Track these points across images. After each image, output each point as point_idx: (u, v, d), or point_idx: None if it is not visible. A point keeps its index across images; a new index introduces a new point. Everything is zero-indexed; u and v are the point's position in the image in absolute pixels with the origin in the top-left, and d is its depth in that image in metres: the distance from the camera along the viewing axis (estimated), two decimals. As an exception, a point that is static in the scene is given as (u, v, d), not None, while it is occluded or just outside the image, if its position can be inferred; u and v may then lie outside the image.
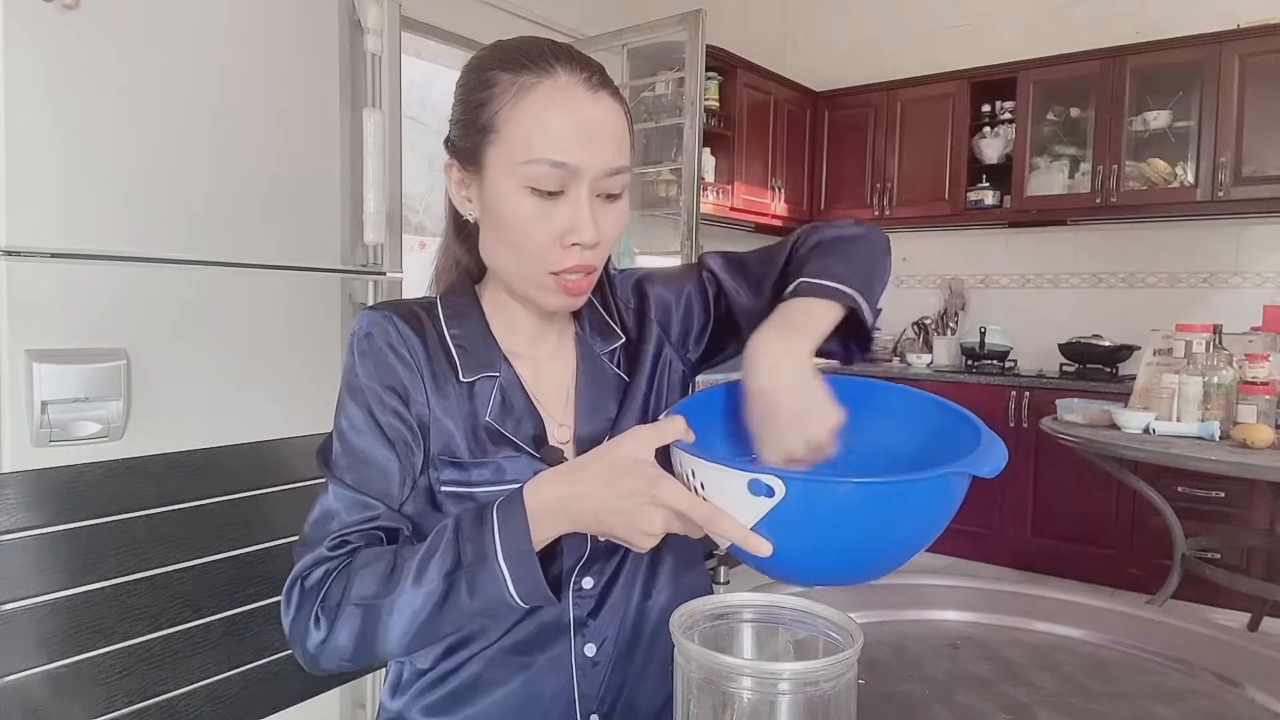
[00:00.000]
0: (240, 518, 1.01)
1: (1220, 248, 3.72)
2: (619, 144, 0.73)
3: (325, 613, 0.67)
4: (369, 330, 0.76)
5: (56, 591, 0.83)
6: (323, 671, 0.70)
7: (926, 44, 4.39)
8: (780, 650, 0.60)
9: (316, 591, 0.68)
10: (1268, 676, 0.78)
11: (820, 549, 0.59)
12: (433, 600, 0.64)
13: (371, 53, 1.71)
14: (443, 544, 0.65)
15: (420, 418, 0.75)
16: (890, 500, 0.57)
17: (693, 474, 0.60)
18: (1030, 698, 0.74)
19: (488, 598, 0.63)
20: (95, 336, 1.34)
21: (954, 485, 0.59)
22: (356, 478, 0.73)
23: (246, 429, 1.47)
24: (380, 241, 1.71)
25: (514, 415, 0.78)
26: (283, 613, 0.70)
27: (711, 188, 3.84)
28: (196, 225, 1.46)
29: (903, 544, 0.61)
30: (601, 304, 0.88)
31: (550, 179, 0.70)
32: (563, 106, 0.70)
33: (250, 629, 1.01)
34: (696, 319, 0.89)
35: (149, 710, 0.91)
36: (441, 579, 0.64)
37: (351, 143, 1.69)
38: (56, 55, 1.28)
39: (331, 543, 0.70)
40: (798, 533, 0.57)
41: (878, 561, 0.63)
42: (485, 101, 0.72)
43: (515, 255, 0.74)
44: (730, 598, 0.61)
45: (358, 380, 0.75)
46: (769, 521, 0.57)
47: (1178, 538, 2.64)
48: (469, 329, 0.79)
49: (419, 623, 0.65)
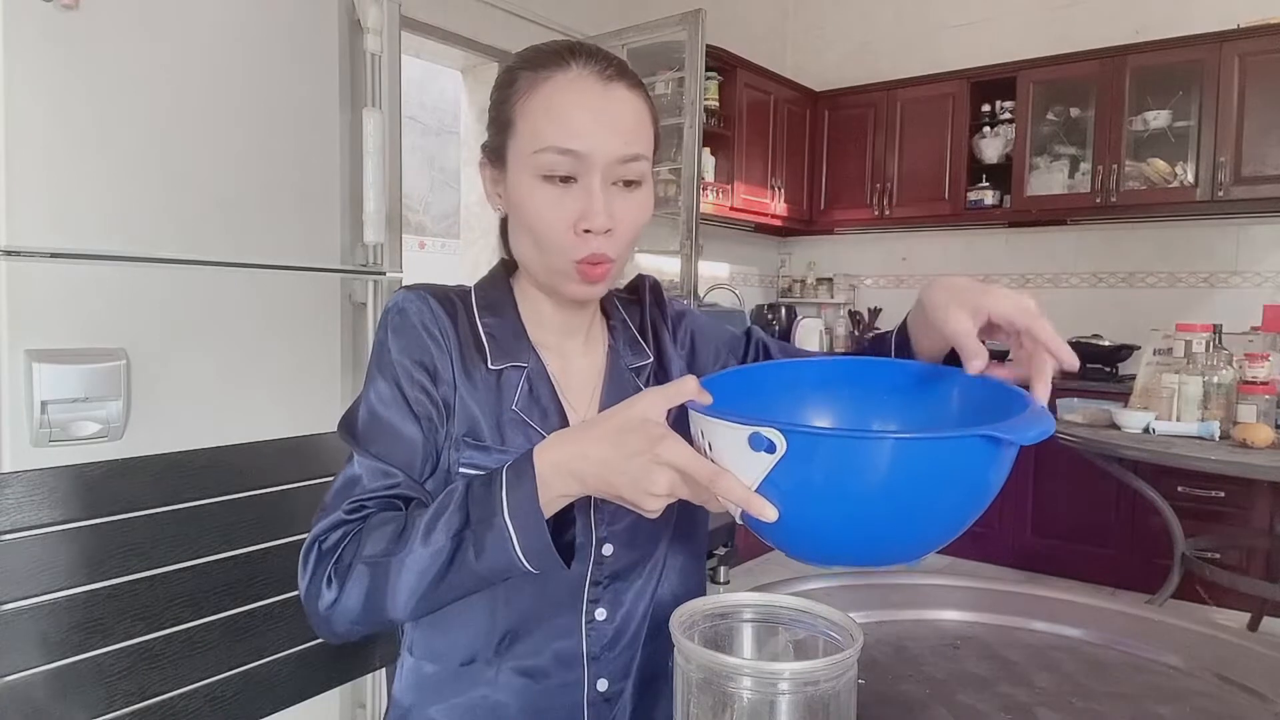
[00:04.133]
0: (240, 518, 1.01)
1: (1220, 248, 3.72)
2: (633, 131, 0.73)
3: (337, 574, 0.68)
4: (404, 307, 0.77)
5: (56, 591, 0.83)
6: (336, 638, 0.70)
7: (926, 44, 4.39)
8: (780, 650, 0.60)
9: (332, 554, 0.69)
10: (1268, 676, 0.78)
11: (829, 517, 0.55)
12: (440, 559, 0.64)
13: (371, 53, 1.71)
14: (452, 504, 0.65)
15: (446, 398, 0.76)
16: (901, 460, 0.52)
17: (702, 434, 0.58)
18: (1030, 698, 0.74)
19: (494, 557, 0.63)
20: (95, 336, 1.34)
21: (980, 452, 0.53)
22: (381, 448, 0.73)
23: (246, 429, 1.47)
24: (380, 241, 1.71)
25: (540, 406, 0.79)
26: (299, 577, 0.70)
27: (711, 187, 3.83)
28: (196, 225, 1.46)
29: (925, 517, 0.55)
30: (637, 324, 0.89)
31: (560, 166, 0.71)
32: (572, 96, 0.72)
33: (250, 629, 1.00)
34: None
35: (149, 710, 0.90)
36: (449, 538, 0.64)
37: (351, 143, 1.69)
38: (56, 55, 1.28)
39: (349, 506, 0.71)
40: (804, 496, 0.54)
41: (897, 537, 0.57)
42: (506, 99, 0.75)
43: (535, 244, 0.75)
44: (730, 598, 0.61)
45: (389, 354, 0.76)
46: (773, 482, 0.54)
47: (1178, 538, 2.64)
48: (501, 319, 0.81)
49: (426, 582, 0.64)
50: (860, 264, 4.77)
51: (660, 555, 0.83)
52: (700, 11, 2.91)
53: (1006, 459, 0.55)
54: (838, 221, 4.52)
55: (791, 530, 0.56)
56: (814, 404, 0.73)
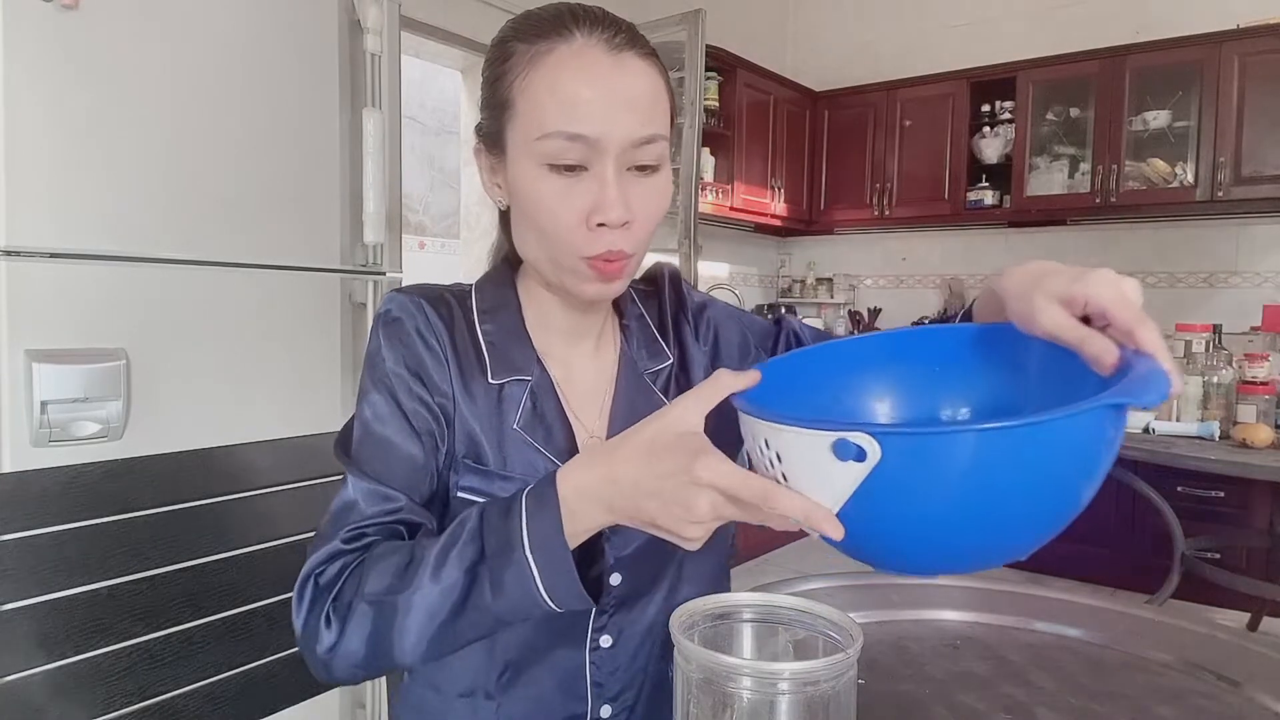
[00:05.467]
0: (240, 518, 1.01)
1: (1220, 247, 3.72)
2: (648, 110, 0.65)
3: (337, 612, 0.61)
4: (397, 315, 0.71)
5: (56, 591, 0.83)
6: (337, 681, 0.63)
7: (926, 44, 4.39)
8: (780, 650, 0.60)
9: (329, 589, 0.62)
10: (1268, 676, 0.78)
11: (936, 527, 0.46)
12: (452, 597, 0.57)
13: (371, 53, 1.71)
14: (465, 534, 0.58)
15: (445, 410, 0.70)
16: (1027, 449, 0.43)
17: (765, 444, 0.49)
18: (1030, 698, 0.74)
19: (514, 595, 0.56)
20: (95, 336, 1.34)
21: (1109, 423, 0.45)
22: (378, 468, 0.67)
23: (246, 429, 1.47)
24: (380, 241, 1.71)
25: (544, 424, 0.71)
26: (294, 614, 0.63)
27: (711, 187, 3.83)
28: (196, 225, 1.46)
29: (1049, 508, 0.47)
30: (656, 320, 0.81)
31: (569, 153, 0.63)
32: (578, 72, 0.63)
33: (250, 629, 1.01)
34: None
35: (149, 710, 0.91)
36: (462, 573, 0.57)
37: (351, 143, 1.69)
38: (56, 55, 1.28)
39: (348, 534, 0.64)
40: (907, 506, 0.46)
41: (1017, 536, 0.49)
42: (501, 75, 0.67)
43: (543, 241, 0.67)
44: (730, 598, 0.61)
45: (383, 366, 0.69)
46: (866, 494, 0.45)
47: (1178, 538, 2.64)
48: (502, 324, 0.73)
49: (437, 624, 0.58)
50: (860, 264, 4.77)
51: (674, 573, 0.76)
52: (700, 11, 2.91)
53: (1123, 423, 0.47)
54: (837, 221, 4.53)
55: (890, 544, 0.49)
56: (865, 390, 0.65)
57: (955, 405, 0.63)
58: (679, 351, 0.80)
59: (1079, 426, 0.44)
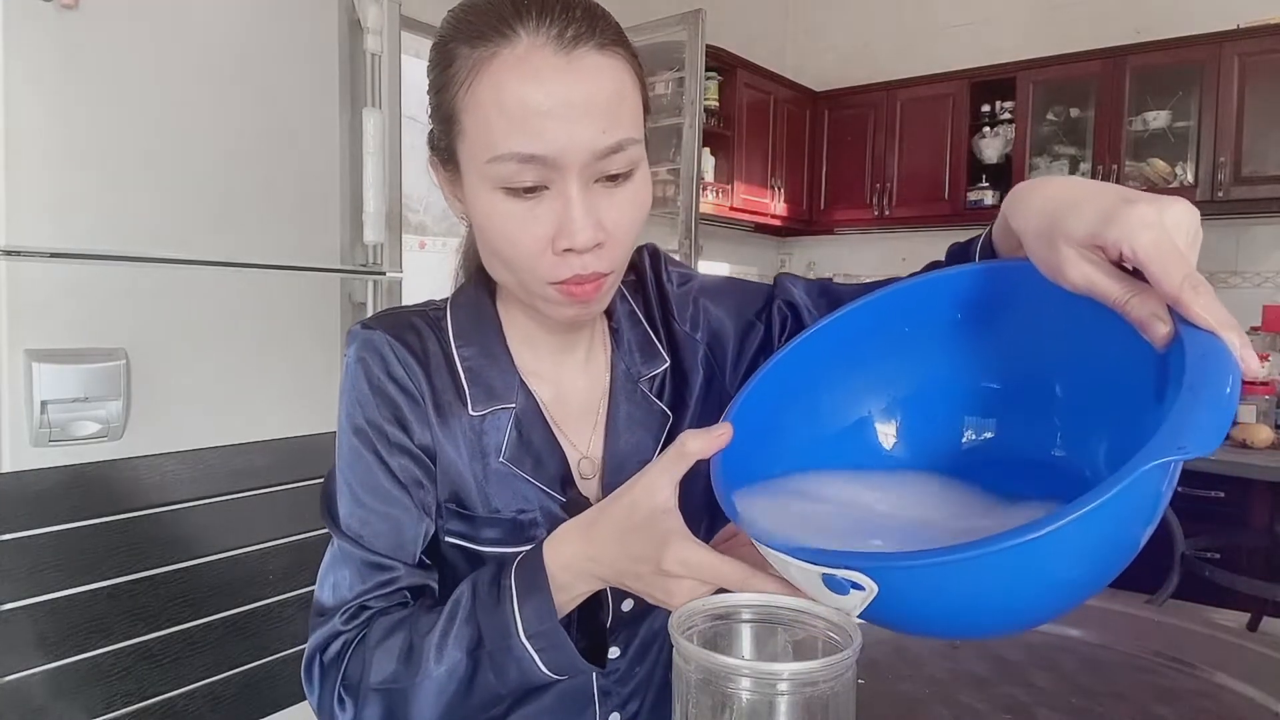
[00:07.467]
0: (240, 517, 1.01)
1: (1220, 248, 3.72)
2: (611, 113, 0.56)
3: (349, 692, 0.61)
4: (363, 358, 0.66)
5: (56, 591, 0.83)
6: None
7: (926, 44, 4.39)
8: (779, 650, 0.60)
9: (336, 667, 0.62)
10: (1268, 676, 0.78)
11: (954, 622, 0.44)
12: (457, 676, 0.58)
13: (371, 53, 1.71)
14: (460, 616, 0.58)
15: (428, 451, 0.66)
16: (1050, 552, 0.37)
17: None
18: (1030, 697, 0.74)
19: (517, 678, 0.57)
20: (95, 336, 1.34)
21: (1155, 481, 0.38)
22: (368, 534, 0.64)
23: (246, 429, 1.47)
24: (380, 241, 1.72)
25: (532, 453, 0.67)
26: (306, 691, 0.63)
27: (711, 187, 3.83)
28: (196, 225, 1.46)
29: (1093, 576, 0.43)
30: (645, 315, 0.74)
31: (525, 175, 0.55)
32: (525, 80, 0.54)
33: (250, 629, 1.01)
34: (758, 352, 0.76)
35: (149, 710, 0.91)
36: (465, 655, 0.57)
37: (351, 143, 1.69)
38: (56, 55, 1.28)
39: (345, 615, 0.63)
40: (918, 620, 0.45)
41: (1053, 607, 0.45)
42: (444, 86, 0.58)
43: (507, 268, 0.61)
44: (729, 598, 0.61)
45: (357, 417, 0.65)
46: (872, 616, 0.45)
47: (1177, 537, 2.63)
48: (481, 347, 0.68)
49: (445, 702, 0.58)
50: (860, 264, 4.77)
51: None
52: (700, 11, 2.91)
53: (1176, 472, 0.40)
54: (837, 221, 4.52)
55: (918, 629, 0.48)
56: (865, 387, 0.60)
57: (970, 398, 0.57)
58: (672, 348, 0.74)
59: (1106, 516, 0.36)
